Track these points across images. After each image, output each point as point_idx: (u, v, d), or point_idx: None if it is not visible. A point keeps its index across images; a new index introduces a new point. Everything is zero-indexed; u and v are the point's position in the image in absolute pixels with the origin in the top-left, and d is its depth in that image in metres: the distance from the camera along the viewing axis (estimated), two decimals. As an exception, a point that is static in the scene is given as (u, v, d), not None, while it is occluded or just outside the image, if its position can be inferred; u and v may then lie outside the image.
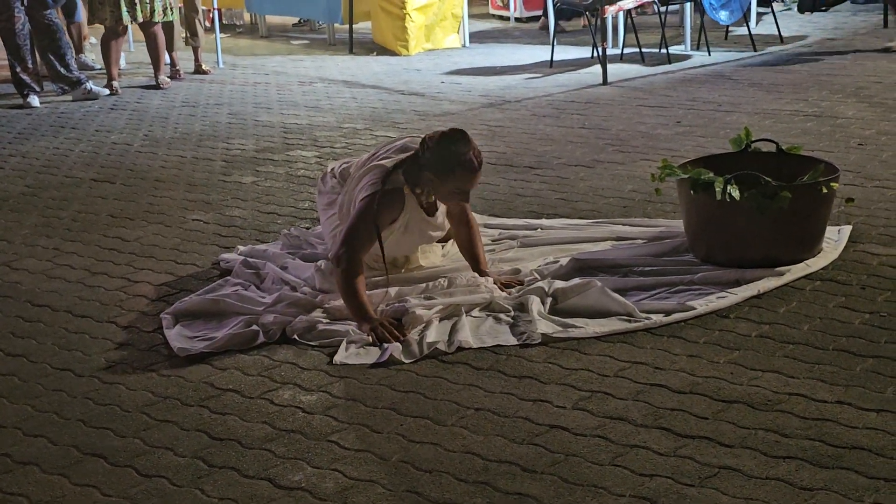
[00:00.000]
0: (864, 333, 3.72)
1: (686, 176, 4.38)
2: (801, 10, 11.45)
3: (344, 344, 3.86)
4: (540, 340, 3.79)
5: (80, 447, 3.26)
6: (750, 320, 3.89)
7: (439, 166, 4.06)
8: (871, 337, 3.68)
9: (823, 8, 11.52)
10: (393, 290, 4.22)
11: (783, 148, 4.70)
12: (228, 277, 4.58)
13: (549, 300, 4.08)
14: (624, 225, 4.98)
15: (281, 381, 3.64)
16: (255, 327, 4.00)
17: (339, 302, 4.15)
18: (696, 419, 3.19)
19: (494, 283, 4.27)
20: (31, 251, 5.24)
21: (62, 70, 9.18)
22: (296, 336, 3.97)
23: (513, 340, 3.84)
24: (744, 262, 4.28)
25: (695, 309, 3.96)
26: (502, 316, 4.03)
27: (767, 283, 4.15)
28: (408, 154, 4.22)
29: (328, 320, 4.08)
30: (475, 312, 4.09)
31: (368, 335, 3.89)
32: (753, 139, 4.73)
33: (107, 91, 9.36)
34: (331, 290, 4.26)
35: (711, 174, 4.32)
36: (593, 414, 3.27)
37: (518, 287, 4.27)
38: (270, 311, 4.12)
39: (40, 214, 5.88)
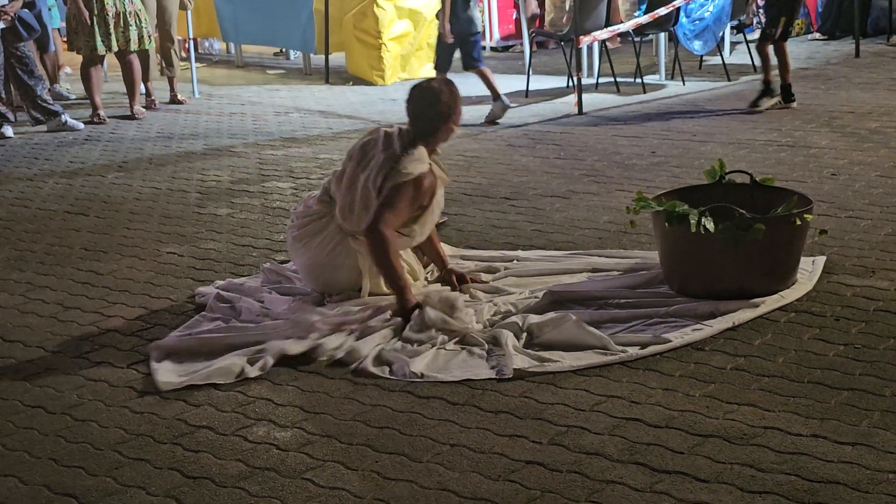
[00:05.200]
0: (838, 366, 3.72)
1: (661, 208, 4.39)
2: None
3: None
4: (512, 375, 3.79)
5: (51, 486, 3.22)
6: (725, 353, 3.89)
7: (454, 110, 4.51)
8: (845, 369, 3.69)
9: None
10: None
11: (757, 179, 4.72)
12: (204, 312, 4.55)
13: (524, 335, 4.07)
14: (600, 257, 4.98)
15: (255, 417, 3.61)
16: (246, 359, 4.00)
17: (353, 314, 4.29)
18: (672, 454, 3.19)
19: (455, 277, 4.69)
20: (3, 285, 5.19)
21: (38, 101, 9.14)
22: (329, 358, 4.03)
23: (485, 374, 3.83)
24: (718, 294, 4.29)
25: (670, 341, 3.96)
26: (476, 350, 4.03)
27: (742, 315, 4.16)
28: (401, 132, 4.51)
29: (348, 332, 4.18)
30: (449, 346, 4.09)
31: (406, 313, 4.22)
32: (727, 171, 4.75)
33: (81, 125, 9.30)
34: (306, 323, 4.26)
35: (686, 206, 4.34)
36: (569, 449, 3.26)
37: (474, 286, 4.65)
38: (275, 338, 4.12)
39: (13, 248, 5.83)
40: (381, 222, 4.28)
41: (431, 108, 4.48)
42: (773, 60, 8.33)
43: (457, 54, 8.72)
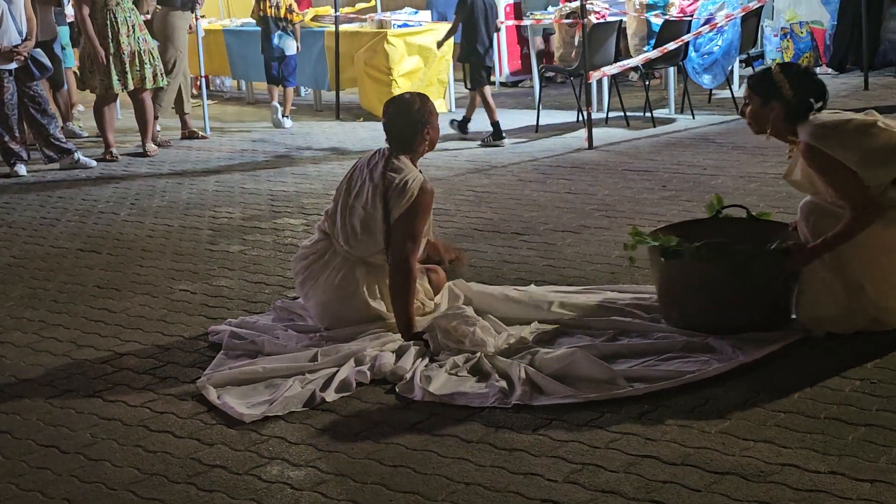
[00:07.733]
0: (854, 401, 3.70)
1: (656, 243, 4.39)
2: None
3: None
4: (510, 406, 3.83)
5: (64, 527, 3.21)
6: (739, 388, 3.87)
7: (427, 118, 4.58)
8: (862, 404, 3.67)
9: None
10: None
11: (753, 214, 4.72)
12: (224, 351, 4.53)
13: (533, 370, 4.07)
14: (612, 291, 4.97)
15: (269, 455, 3.60)
16: (310, 387, 4.06)
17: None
18: (689, 492, 3.16)
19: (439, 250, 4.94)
20: (16, 323, 5.20)
21: (51, 140, 9.20)
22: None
23: (487, 402, 3.88)
24: (721, 329, 4.27)
25: (682, 377, 3.94)
26: (484, 380, 4.08)
27: (757, 350, 4.13)
28: (380, 150, 4.63)
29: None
30: (462, 372, 4.15)
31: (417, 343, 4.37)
32: (725, 205, 4.77)
33: (94, 163, 9.34)
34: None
35: (680, 240, 4.34)
36: (585, 487, 3.24)
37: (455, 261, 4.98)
38: (331, 368, 4.23)
39: (26, 286, 5.85)
40: (408, 254, 4.43)
41: (404, 117, 4.59)
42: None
43: None
